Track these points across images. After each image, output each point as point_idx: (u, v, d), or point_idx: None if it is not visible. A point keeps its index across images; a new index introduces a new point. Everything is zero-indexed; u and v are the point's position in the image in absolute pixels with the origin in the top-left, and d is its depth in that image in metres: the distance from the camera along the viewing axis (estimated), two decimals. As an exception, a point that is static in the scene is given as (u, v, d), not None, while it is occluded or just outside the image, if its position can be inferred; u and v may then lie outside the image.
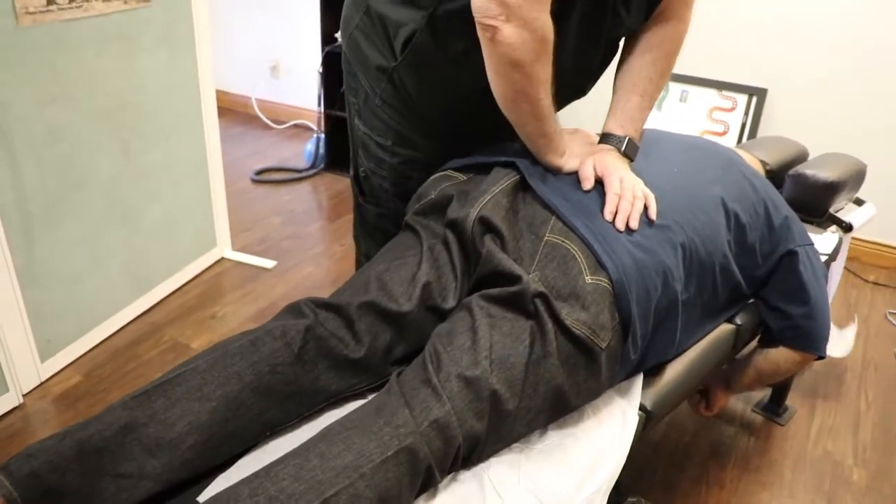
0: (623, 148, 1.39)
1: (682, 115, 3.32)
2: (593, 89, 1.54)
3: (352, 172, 1.67)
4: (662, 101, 3.36)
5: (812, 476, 1.97)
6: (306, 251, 2.88)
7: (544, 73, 1.23)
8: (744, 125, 3.19)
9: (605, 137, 1.42)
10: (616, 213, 1.26)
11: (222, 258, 2.79)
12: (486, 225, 1.24)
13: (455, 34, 1.26)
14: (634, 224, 1.25)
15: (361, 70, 1.48)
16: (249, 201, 3.34)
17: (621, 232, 1.23)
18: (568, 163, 1.37)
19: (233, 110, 4.48)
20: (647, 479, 1.91)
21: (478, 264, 1.24)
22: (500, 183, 1.30)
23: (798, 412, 2.20)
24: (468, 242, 1.25)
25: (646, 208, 1.29)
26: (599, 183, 1.32)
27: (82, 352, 2.21)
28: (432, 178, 1.42)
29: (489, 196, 1.27)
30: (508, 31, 1.14)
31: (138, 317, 2.42)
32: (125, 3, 2.12)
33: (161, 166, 2.40)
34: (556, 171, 1.36)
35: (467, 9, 1.16)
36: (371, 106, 1.49)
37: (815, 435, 2.12)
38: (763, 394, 2.22)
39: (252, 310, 2.46)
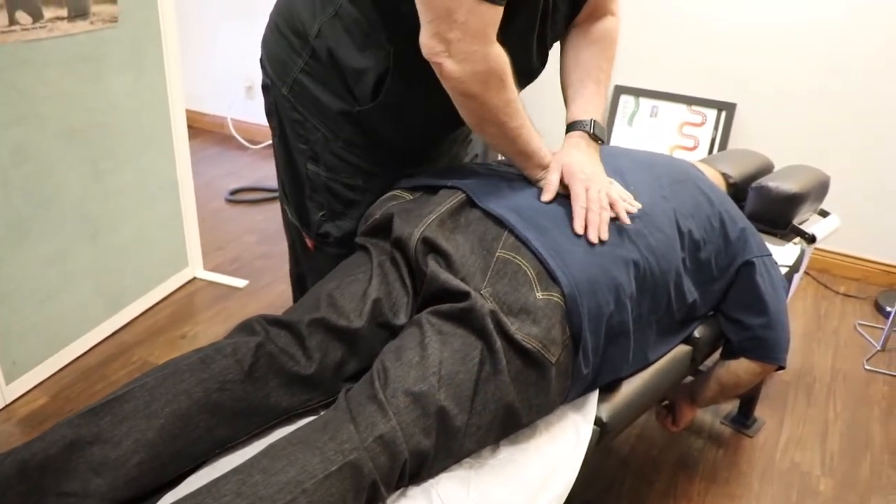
0: (592, 129, 1.43)
1: (652, 130, 3.35)
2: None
3: (293, 219, 1.62)
4: (633, 116, 3.38)
5: (780, 487, 1.97)
6: (279, 270, 2.88)
7: (499, 99, 1.26)
8: (713, 140, 3.22)
9: (572, 125, 1.45)
10: (587, 226, 1.28)
11: (194, 278, 2.78)
12: (429, 245, 1.25)
13: (423, 69, 1.26)
14: (605, 236, 1.28)
15: (315, 115, 1.45)
16: (223, 221, 3.33)
17: (577, 246, 1.24)
18: (548, 177, 1.38)
19: (208, 130, 4.48)
20: (614, 493, 1.91)
21: (423, 283, 1.25)
22: (445, 203, 1.31)
23: (767, 423, 2.21)
24: (412, 262, 1.26)
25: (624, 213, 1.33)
26: (562, 194, 1.35)
27: (50, 373, 2.20)
28: (381, 198, 1.43)
29: (434, 216, 1.28)
30: (451, 66, 1.20)
31: (108, 337, 2.41)
32: (91, 23, 2.13)
33: (132, 186, 2.40)
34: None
35: None
36: (333, 149, 1.46)
37: (784, 446, 2.13)
38: (731, 406, 2.23)
39: (223, 329, 2.45)
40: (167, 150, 2.55)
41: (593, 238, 1.27)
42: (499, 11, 1.19)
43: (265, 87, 1.53)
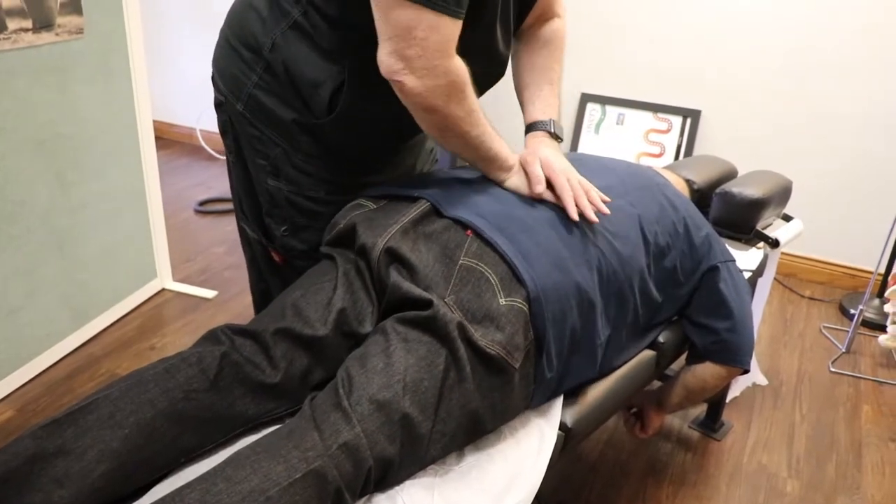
0: (552, 129, 1.48)
1: (619, 137, 3.39)
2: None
3: (254, 235, 1.61)
4: (600, 124, 3.42)
5: (747, 489, 2.00)
6: (248, 280, 2.86)
7: (461, 110, 1.27)
8: (679, 146, 3.26)
9: (533, 125, 1.50)
10: (582, 211, 1.34)
11: (163, 289, 2.77)
12: (392, 255, 1.25)
13: (378, 80, 1.26)
14: (596, 217, 1.33)
15: (271, 128, 1.44)
16: (192, 232, 3.32)
17: (542, 251, 1.25)
18: (515, 178, 1.41)
19: (178, 141, 4.47)
20: (584, 499, 1.92)
21: (385, 293, 1.25)
22: (409, 212, 1.31)
23: (734, 426, 2.24)
24: (375, 272, 1.27)
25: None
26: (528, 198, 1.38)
27: (16, 386, 2.18)
28: (345, 207, 1.43)
29: (398, 225, 1.28)
30: (412, 83, 1.20)
31: (76, 349, 2.39)
32: (57, 35, 2.12)
33: (99, 197, 2.39)
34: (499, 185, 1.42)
35: None
36: (293, 162, 1.46)
37: (751, 448, 2.16)
38: (699, 410, 2.25)
39: (192, 340, 2.38)
40: (135, 161, 2.54)
41: (594, 218, 1.33)
42: (458, 25, 1.20)
43: (218, 105, 1.52)
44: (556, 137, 1.48)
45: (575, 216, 1.32)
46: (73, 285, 2.34)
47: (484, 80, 1.46)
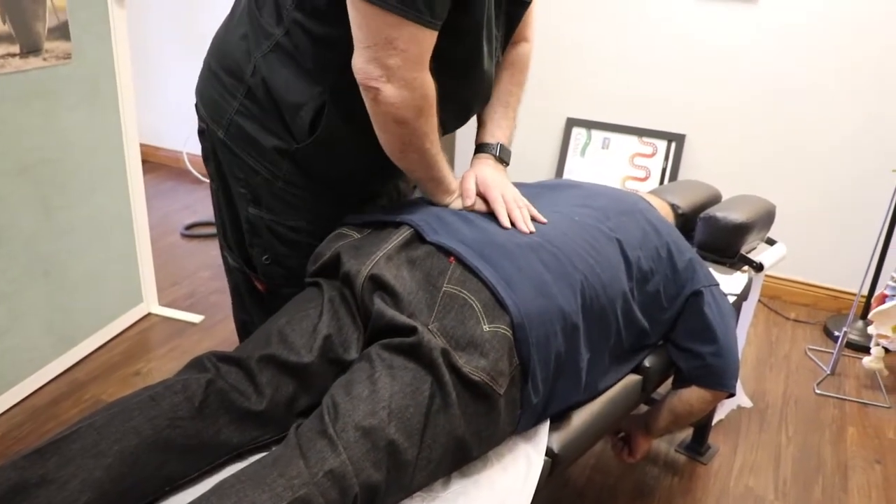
0: (497, 153, 1.53)
1: (604, 161, 3.41)
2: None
3: (236, 264, 1.60)
4: (585, 147, 3.44)
5: (734, 513, 2.00)
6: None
7: (428, 126, 1.30)
8: (664, 170, 3.28)
9: (479, 147, 1.55)
10: (514, 222, 1.38)
11: (149, 313, 2.76)
12: (376, 282, 1.25)
13: (359, 103, 1.28)
14: (531, 227, 1.37)
15: (253, 156, 1.44)
16: (178, 256, 3.31)
17: (525, 277, 1.26)
18: (458, 201, 1.46)
19: (164, 165, 4.47)
20: (571, 523, 1.92)
21: (369, 320, 1.25)
22: (393, 239, 1.32)
23: (721, 450, 2.24)
24: (359, 300, 1.27)
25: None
26: (489, 218, 1.42)
27: (-1, 412, 2.17)
28: (329, 236, 1.43)
29: (382, 253, 1.29)
30: (389, 92, 1.22)
31: (60, 375, 2.37)
32: (45, 60, 2.12)
33: (85, 222, 2.39)
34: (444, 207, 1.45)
35: None
36: (274, 190, 1.46)
37: (738, 471, 2.16)
38: (686, 433, 2.25)
39: (177, 365, 2.37)
40: (121, 185, 2.53)
41: (525, 229, 1.37)
42: (434, 37, 1.22)
43: (201, 132, 1.53)
44: (502, 161, 1.53)
45: (507, 224, 1.38)
46: (57, 310, 2.33)
47: (474, 101, 1.48)
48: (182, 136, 4.26)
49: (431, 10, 1.18)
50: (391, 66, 1.19)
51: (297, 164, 1.43)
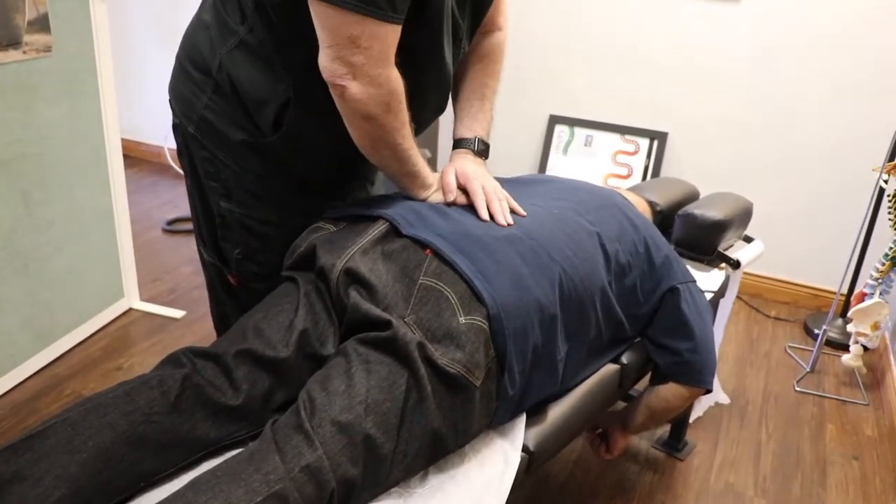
0: (475, 147, 1.53)
1: (587, 159, 3.42)
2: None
3: (210, 259, 1.60)
4: (568, 145, 3.45)
5: (713, 509, 2.01)
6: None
7: (397, 121, 1.30)
8: (647, 167, 3.30)
9: (458, 143, 1.55)
10: (493, 215, 1.39)
11: (130, 309, 2.75)
12: (351, 276, 1.25)
13: (324, 97, 1.28)
14: (509, 220, 1.37)
15: (222, 150, 1.45)
16: (160, 251, 3.30)
17: (502, 269, 1.26)
18: (436, 195, 1.46)
19: (145, 160, 4.45)
20: (550, 519, 1.93)
21: (345, 314, 1.25)
22: (369, 233, 1.32)
23: (701, 446, 2.26)
24: (334, 294, 1.27)
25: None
26: (467, 211, 1.41)
27: (-23, 408, 2.15)
28: (306, 230, 1.43)
29: (357, 246, 1.29)
30: (356, 89, 1.22)
31: (40, 370, 2.36)
32: (24, 53, 2.11)
33: (65, 217, 2.37)
34: (423, 201, 1.45)
35: None
36: (244, 184, 1.46)
37: (718, 468, 2.17)
38: (663, 430, 2.26)
39: (159, 360, 2.41)
40: (102, 180, 2.52)
41: (503, 222, 1.36)
42: (398, 31, 1.22)
43: (174, 127, 1.53)
44: (481, 155, 1.53)
45: (485, 216, 1.38)
46: (37, 305, 2.32)
47: (436, 97, 1.49)
48: (163, 131, 4.24)
49: (392, 5, 1.18)
50: (355, 63, 1.20)
51: (264, 158, 1.44)
